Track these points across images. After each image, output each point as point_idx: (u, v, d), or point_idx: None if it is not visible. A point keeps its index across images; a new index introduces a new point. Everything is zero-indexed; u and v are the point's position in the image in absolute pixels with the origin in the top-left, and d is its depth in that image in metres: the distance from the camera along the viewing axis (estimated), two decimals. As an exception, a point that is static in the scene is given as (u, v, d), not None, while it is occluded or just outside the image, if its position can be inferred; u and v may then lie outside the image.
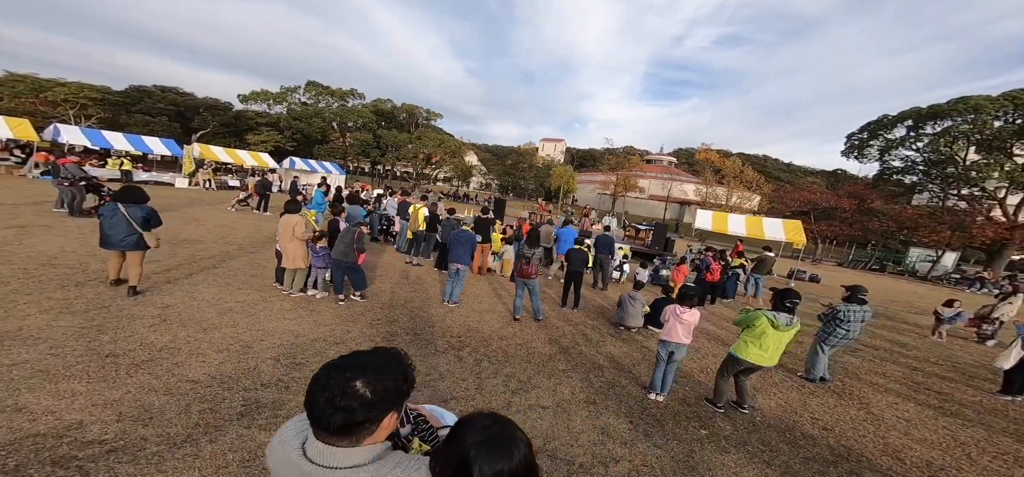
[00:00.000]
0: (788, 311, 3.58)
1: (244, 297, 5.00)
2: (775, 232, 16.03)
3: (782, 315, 3.57)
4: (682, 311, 3.82)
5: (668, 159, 64.92)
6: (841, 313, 4.81)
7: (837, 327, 4.82)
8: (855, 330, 4.85)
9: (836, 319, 4.84)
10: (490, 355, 4.44)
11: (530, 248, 5.88)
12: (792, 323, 3.55)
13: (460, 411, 3.21)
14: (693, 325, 3.84)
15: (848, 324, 4.78)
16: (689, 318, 3.80)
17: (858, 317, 4.81)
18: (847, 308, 4.82)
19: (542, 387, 3.84)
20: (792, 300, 3.56)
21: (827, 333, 4.91)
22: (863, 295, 4.92)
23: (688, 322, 3.80)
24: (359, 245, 5.27)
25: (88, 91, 33.99)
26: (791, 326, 3.54)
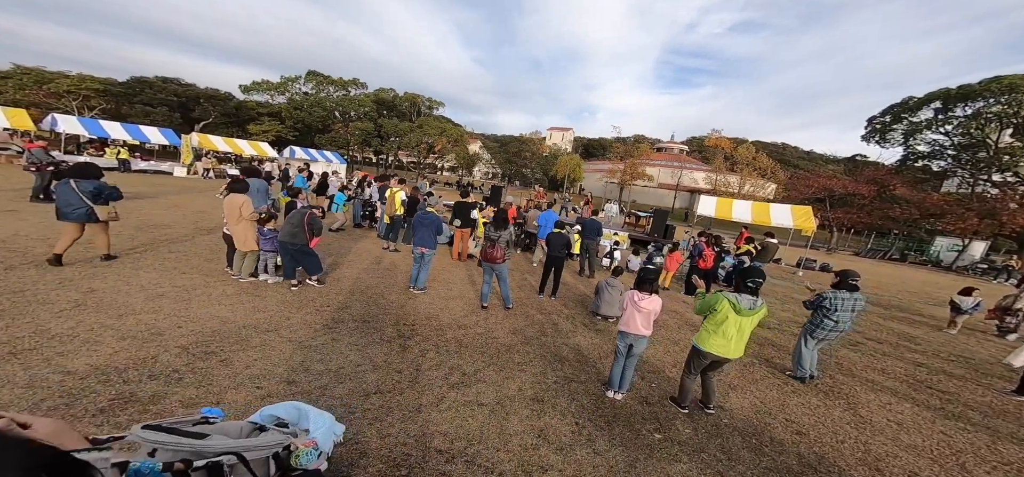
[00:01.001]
0: (751, 292, 3.16)
1: (186, 281, 4.79)
2: (783, 218, 15.31)
3: (745, 297, 3.15)
4: (640, 298, 3.43)
5: (680, 147, 63.30)
6: (827, 301, 4.30)
7: (824, 317, 4.35)
8: (846, 321, 4.34)
9: (821, 308, 4.36)
10: (441, 345, 4.14)
11: (496, 230, 5.52)
12: (756, 306, 3.13)
13: (380, 406, 2.93)
14: (653, 314, 3.46)
15: (835, 313, 4.26)
16: (648, 306, 3.42)
17: (848, 306, 4.29)
18: (835, 296, 4.29)
19: (487, 381, 3.53)
20: (754, 280, 3.14)
21: (814, 324, 4.44)
22: (854, 281, 4.37)
23: (647, 310, 3.42)
24: (310, 227, 4.99)
25: (90, 82, 34.49)
26: (755, 310, 3.13)
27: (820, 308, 4.38)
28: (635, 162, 43.53)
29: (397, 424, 2.68)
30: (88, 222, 4.94)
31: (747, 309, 3.11)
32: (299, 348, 3.51)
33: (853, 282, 4.35)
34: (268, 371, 3.04)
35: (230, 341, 3.42)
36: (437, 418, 2.84)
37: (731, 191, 36.20)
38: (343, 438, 1.96)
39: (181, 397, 2.55)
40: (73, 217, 4.83)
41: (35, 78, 34.88)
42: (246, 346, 3.38)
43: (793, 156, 69.13)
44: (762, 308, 3.16)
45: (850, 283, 4.35)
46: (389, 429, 2.61)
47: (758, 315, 3.16)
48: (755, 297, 3.15)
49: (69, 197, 4.80)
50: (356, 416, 2.67)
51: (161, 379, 2.71)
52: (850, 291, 4.33)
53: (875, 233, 29.77)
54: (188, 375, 2.80)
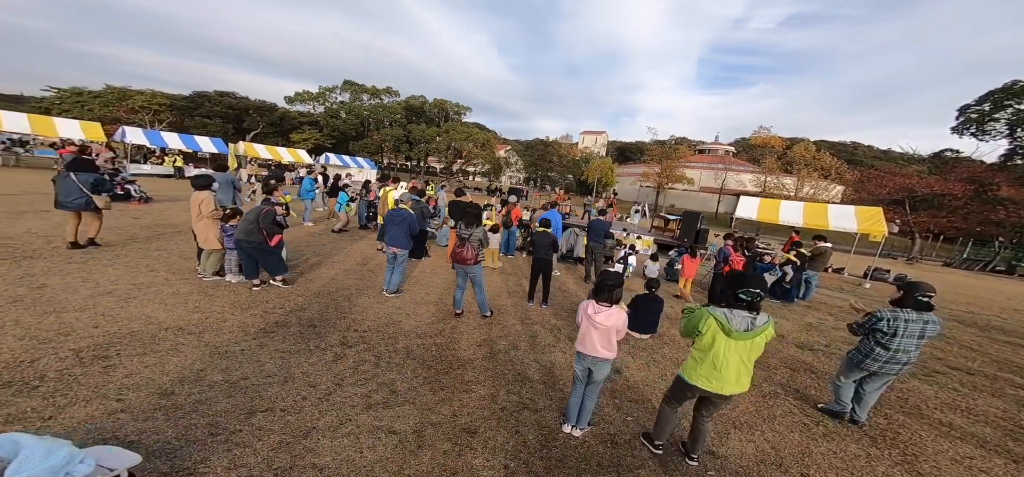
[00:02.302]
0: (748, 307, 2.36)
1: (145, 279, 4.76)
2: (844, 221, 13.25)
3: (737, 314, 2.36)
4: (595, 309, 2.72)
5: (726, 148, 59.13)
6: (884, 323, 3.21)
7: (876, 345, 3.30)
8: (910, 350, 3.23)
9: (875, 332, 3.29)
10: (385, 357, 3.68)
11: (467, 228, 5.00)
12: (755, 327, 2.33)
13: (260, 427, 2.43)
14: (614, 331, 2.72)
15: (895, 340, 3.19)
16: (605, 320, 2.69)
17: (913, 330, 3.18)
18: (895, 316, 3.19)
19: (416, 403, 3.00)
20: (749, 292, 2.34)
21: (862, 353, 3.40)
22: (925, 296, 3.23)
23: (604, 326, 2.69)
24: (265, 225, 4.78)
25: (160, 98, 38.93)
26: (754, 331, 2.33)
27: (873, 333, 3.30)
28: (672, 164, 41.07)
29: (264, 451, 2.23)
30: (86, 210, 5.59)
31: (741, 331, 2.32)
32: (212, 354, 3.21)
33: (923, 297, 3.19)
34: (150, 381, 2.73)
35: (138, 344, 3.18)
36: (323, 446, 2.35)
37: (785, 194, 32.74)
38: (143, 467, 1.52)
39: (15, 410, 2.27)
40: (72, 206, 5.45)
41: (118, 95, 39.98)
42: (151, 351, 3.12)
43: (866, 156, 61.89)
44: (766, 328, 2.35)
45: (919, 298, 3.19)
46: (249, 458, 2.17)
47: (761, 338, 2.35)
48: (754, 314, 2.35)
49: (69, 188, 5.38)
50: (218, 439, 2.26)
51: (16, 386, 2.48)
52: (918, 310, 3.19)
53: (972, 240, 25.40)
54: (52, 382, 2.56)
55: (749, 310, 2.34)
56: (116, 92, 40.55)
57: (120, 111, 38.30)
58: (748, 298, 2.32)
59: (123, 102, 38.80)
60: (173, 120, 38.34)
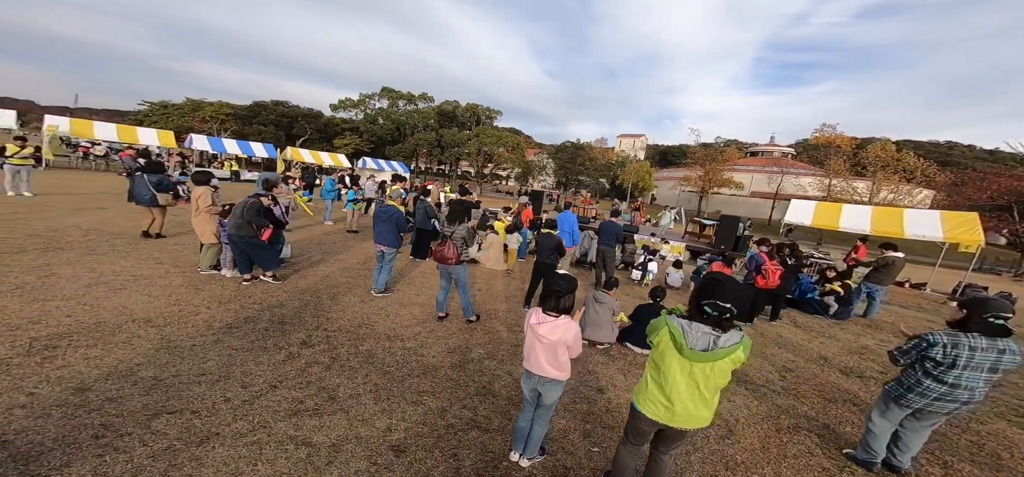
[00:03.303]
0: (714, 321, 1.84)
1: (147, 271, 5.01)
2: (926, 228, 11.29)
3: (698, 328, 1.84)
4: (539, 319, 2.30)
5: (784, 151, 54.28)
6: (938, 350, 2.45)
7: (925, 377, 2.55)
8: (975, 385, 2.43)
9: (926, 361, 2.54)
10: (341, 359, 3.50)
11: (450, 224, 4.74)
12: (718, 347, 1.80)
13: (157, 431, 2.15)
14: (562, 347, 2.26)
15: (953, 372, 2.43)
16: (549, 333, 2.24)
17: (983, 362, 2.39)
18: (953, 342, 2.43)
19: (352, 412, 2.76)
20: (718, 305, 1.81)
21: (904, 387, 2.65)
22: (1001, 317, 2.42)
23: (549, 341, 2.24)
24: (254, 218, 4.85)
25: (226, 108, 43.25)
26: (716, 352, 1.79)
27: (923, 361, 2.56)
28: (715, 167, 38.28)
29: (141, 459, 2.07)
30: (152, 206, 6.55)
31: (697, 351, 1.82)
32: (160, 349, 3.19)
33: (996, 318, 2.41)
34: (77, 375, 2.70)
35: (95, 336, 3.23)
36: (213, 457, 2.16)
37: (859, 200, 28.91)
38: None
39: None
40: (143, 202, 6.50)
41: (193, 106, 44.95)
42: (103, 343, 3.15)
43: (966, 158, 53.88)
44: (733, 350, 1.81)
45: (989, 320, 2.41)
46: (116, 467, 2.00)
47: (725, 362, 1.82)
48: (720, 331, 1.83)
49: (140, 187, 6.45)
50: (100, 443, 2.13)
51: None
52: (989, 335, 2.41)
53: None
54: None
55: (714, 326, 1.83)
56: (192, 104, 45.63)
57: (194, 121, 43.03)
58: (715, 313, 1.81)
59: (196, 113, 43.61)
60: (235, 128, 42.37)
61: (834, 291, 7.06)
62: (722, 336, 1.80)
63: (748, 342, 1.84)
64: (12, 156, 9.21)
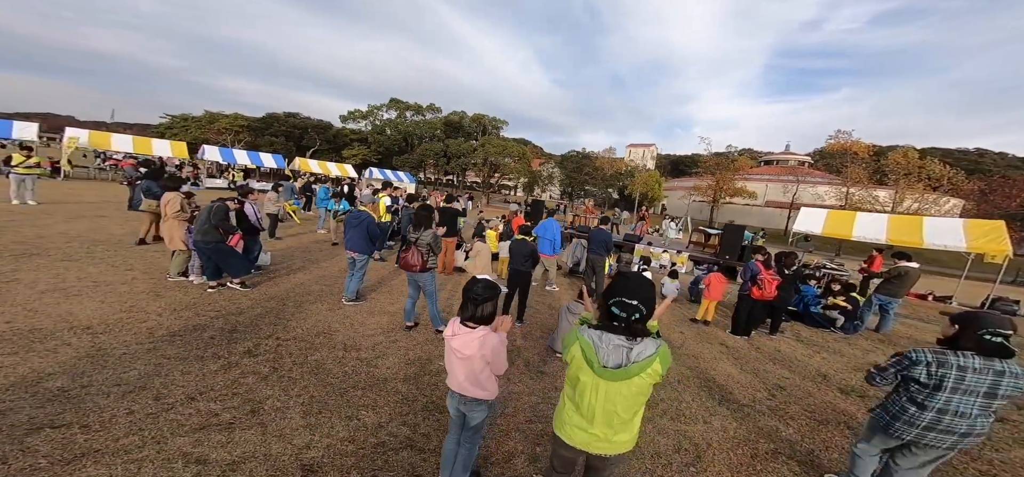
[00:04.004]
0: (625, 328, 1.57)
1: (112, 277, 4.98)
2: (948, 237, 10.60)
3: (609, 339, 1.58)
4: (452, 332, 2.06)
5: (800, 159, 52.98)
6: (921, 370, 2.14)
7: (909, 403, 2.22)
8: (970, 413, 2.09)
9: (911, 384, 2.22)
10: (283, 369, 3.32)
11: (416, 230, 4.58)
12: (631, 361, 1.53)
13: (28, 445, 1.96)
14: (481, 362, 2.00)
15: (939, 396, 2.10)
16: (463, 347, 1.99)
17: (977, 385, 2.06)
18: (939, 361, 2.11)
19: (271, 428, 2.55)
20: (626, 303, 1.55)
21: (889, 414, 2.31)
22: (998, 335, 2.07)
23: (464, 355, 2.00)
24: (220, 223, 4.78)
25: (240, 120, 44.73)
26: (629, 369, 1.53)
27: (906, 383, 2.25)
28: (726, 176, 37.45)
29: None
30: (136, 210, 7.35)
31: (610, 368, 1.56)
32: (85, 357, 3.06)
33: (992, 335, 2.07)
34: None
35: (21, 343, 3.10)
36: (81, 473, 1.99)
37: (880, 210, 27.66)
38: None
39: None
40: (138, 209, 7.20)
41: (210, 119, 46.61)
42: (24, 350, 3.03)
43: (997, 165, 51.57)
44: (649, 363, 1.54)
45: (987, 337, 2.07)
46: None
47: (643, 378, 1.54)
48: (633, 341, 1.57)
49: (140, 195, 6.96)
50: None
51: None
52: (985, 354, 2.09)
53: None
54: None
55: (627, 335, 1.57)
56: (209, 116, 47.34)
57: (210, 132, 44.58)
58: (623, 315, 1.56)
59: (212, 124, 45.22)
60: (248, 140, 43.71)
61: (837, 306, 6.60)
62: (635, 347, 1.55)
63: (666, 352, 1.58)
64: (18, 165, 9.51)
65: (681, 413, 3.52)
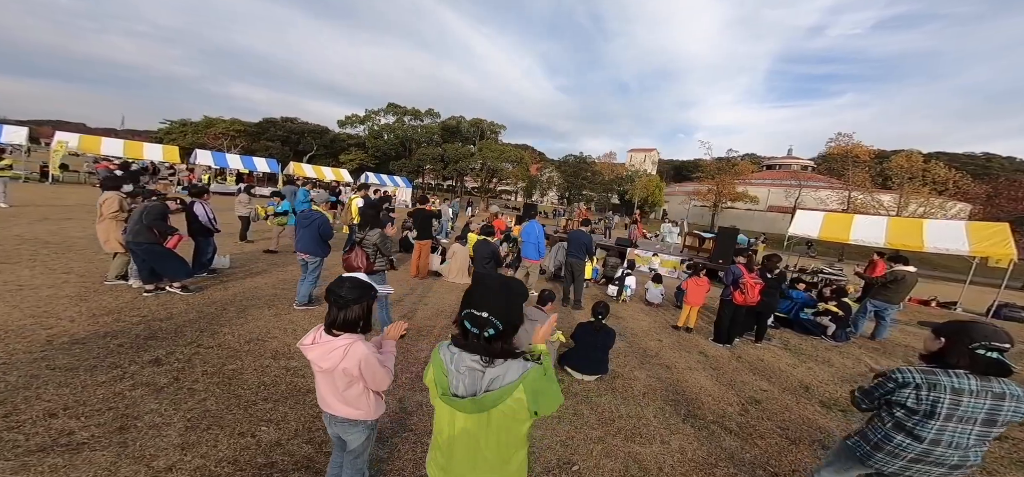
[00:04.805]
0: (477, 344, 1.23)
1: (43, 280, 4.70)
2: (949, 241, 10.22)
3: (463, 359, 1.24)
4: (314, 339, 1.70)
5: (803, 164, 52.55)
6: (909, 393, 1.80)
7: (896, 431, 1.86)
8: (964, 443, 1.75)
9: (895, 408, 1.87)
10: (184, 381, 2.98)
11: (361, 229, 4.29)
12: (486, 387, 1.19)
13: None
14: (343, 376, 1.67)
15: (931, 425, 1.75)
16: (319, 357, 1.65)
17: (974, 411, 1.70)
18: (930, 382, 1.76)
19: (135, 446, 2.23)
20: (474, 314, 1.22)
21: (869, 442, 1.96)
22: (993, 349, 1.72)
23: (323, 368, 1.66)
24: (155, 224, 4.50)
25: (237, 124, 44.88)
26: (483, 398, 1.18)
27: (891, 408, 1.89)
28: (725, 180, 37.07)
29: None
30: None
31: (460, 397, 1.23)
32: None
33: (989, 352, 1.73)
34: None
35: None
36: None
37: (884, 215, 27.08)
38: None
39: None
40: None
41: (206, 123, 46.77)
42: None
43: (1005, 169, 50.84)
44: (511, 390, 1.17)
45: (981, 353, 1.73)
46: None
47: (504, 409, 1.18)
48: (487, 362, 1.22)
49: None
50: None
51: None
52: (979, 372, 1.74)
53: None
54: None
55: (481, 353, 1.25)
56: (207, 121, 47.56)
57: (207, 137, 44.73)
58: (475, 330, 1.24)
59: (209, 129, 45.39)
60: (245, 144, 43.82)
61: (829, 311, 6.23)
62: (490, 370, 1.21)
63: (535, 375, 1.19)
64: (-14, 168, 9.36)
65: (637, 432, 3.18)
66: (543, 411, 1.19)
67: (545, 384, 1.21)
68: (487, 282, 1.28)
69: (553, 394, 1.22)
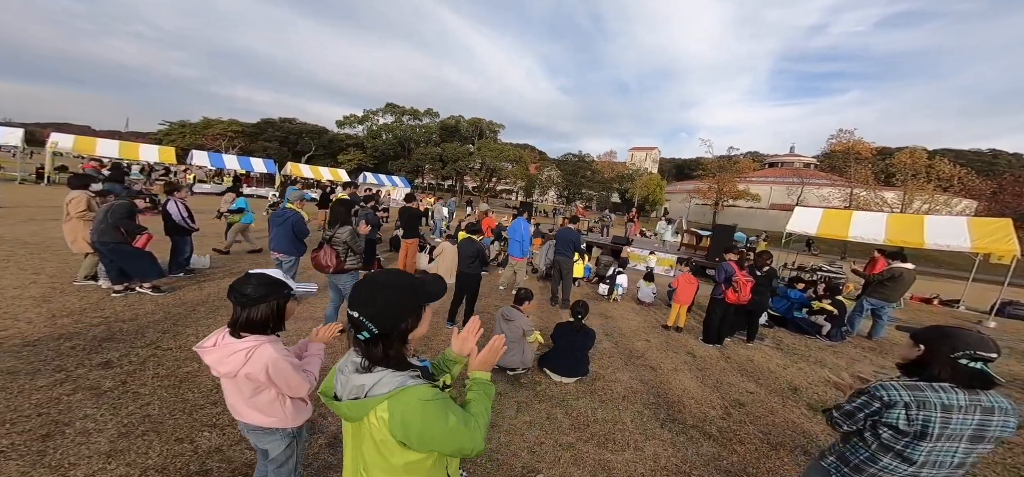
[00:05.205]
0: (366, 345, 1.05)
1: (11, 281, 4.59)
2: (951, 237, 9.95)
3: (348, 361, 1.12)
4: (210, 344, 1.54)
5: (806, 161, 52.16)
6: (898, 414, 1.58)
7: (880, 453, 1.66)
8: (948, 462, 1.56)
9: (881, 429, 1.66)
10: (131, 384, 2.86)
11: (331, 227, 4.16)
12: (363, 393, 1.02)
13: None
14: (248, 382, 1.53)
15: (922, 446, 1.55)
16: (216, 362, 1.50)
17: (962, 428, 1.52)
18: (919, 398, 1.55)
19: (51, 456, 2.11)
20: (349, 313, 1.06)
21: (852, 464, 1.76)
22: (977, 358, 1.52)
23: (222, 373, 1.51)
24: (121, 222, 4.39)
25: (235, 125, 44.93)
26: (351, 404, 1.03)
27: (876, 429, 1.69)
28: (726, 178, 36.80)
29: None
30: None
31: (343, 399, 1.08)
32: None
33: (973, 361, 1.53)
34: None
35: None
36: None
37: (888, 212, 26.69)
38: None
39: None
40: None
41: (204, 124, 46.83)
42: None
43: (1012, 166, 50.19)
44: (376, 403, 0.99)
45: (964, 363, 1.54)
46: None
47: (373, 420, 1.00)
48: (367, 368, 1.07)
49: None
50: None
51: None
52: (962, 384, 1.55)
53: None
54: None
55: (363, 357, 1.08)
56: (205, 122, 47.65)
57: (206, 139, 44.81)
58: (351, 328, 1.08)
59: (207, 130, 45.45)
60: (243, 145, 43.87)
61: (823, 309, 6.05)
62: (363, 376, 1.05)
63: (409, 398, 0.99)
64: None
65: (611, 438, 3.03)
66: (416, 446, 0.99)
67: (422, 413, 0.98)
68: (374, 278, 1.13)
69: (437, 430, 0.99)
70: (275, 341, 1.55)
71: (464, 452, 1.07)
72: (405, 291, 1.10)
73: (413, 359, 1.16)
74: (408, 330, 1.11)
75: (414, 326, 1.12)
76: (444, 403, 1.05)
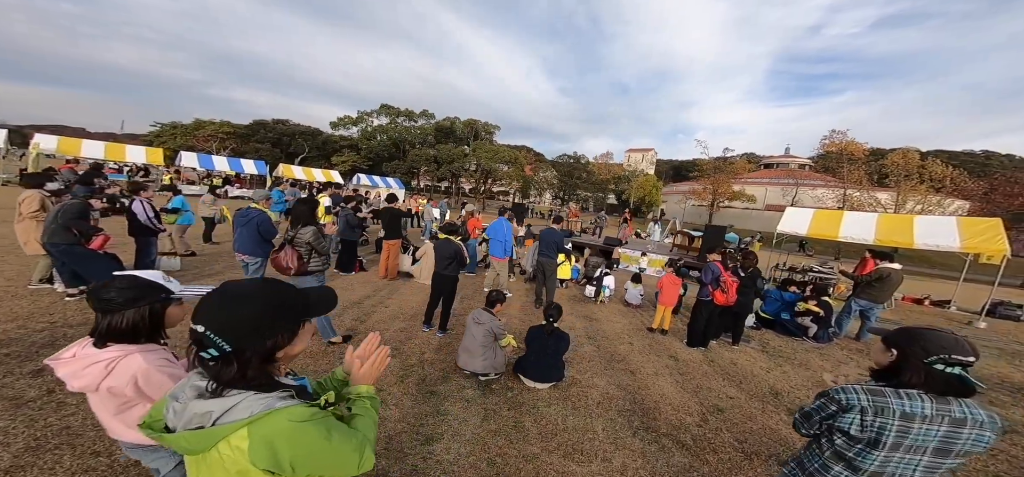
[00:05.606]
0: (215, 375, 0.89)
1: (-43, 282, 4.41)
2: (940, 237, 9.87)
3: (190, 385, 0.92)
4: (68, 356, 1.32)
5: (801, 162, 52.41)
6: (853, 418, 1.45)
7: (832, 461, 1.53)
8: (904, 475, 1.42)
9: (836, 434, 1.52)
10: (64, 393, 2.70)
11: (293, 227, 3.99)
12: (212, 422, 0.84)
13: None
14: (112, 397, 1.33)
15: (874, 456, 1.42)
16: (72, 376, 1.29)
17: (926, 438, 1.37)
18: (878, 403, 1.41)
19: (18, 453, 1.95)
20: (192, 331, 0.88)
21: (808, 471, 1.62)
22: (953, 363, 1.37)
23: (78, 387, 1.29)
24: (73, 223, 4.19)
25: (226, 127, 44.47)
26: (176, 438, 0.85)
27: (831, 434, 1.56)
28: (721, 179, 36.87)
29: None
30: None
31: (170, 431, 0.90)
32: None
33: (949, 367, 1.38)
34: None
35: None
36: None
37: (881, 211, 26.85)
38: None
39: None
40: None
41: (196, 126, 46.34)
42: None
43: (1004, 167, 50.64)
44: (232, 430, 0.83)
45: (938, 368, 1.39)
46: None
47: (220, 453, 0.84)
48: (215, 392, 0.89)
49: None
50: None
51: None
52: (937, 391, 1.40)
53: None
54: None
55: (211, 380, 0.90)
56: (197, 123, 47.17)
57: (197, 140, 44.36)
58: (194, 344, 0.90)
59: (198, 132, 44.98)
60: (234, 146, 43.44)
61: (809, 311, 5.93)
62: (204, 402, 0.87)
63: (271, 421, 0.85)
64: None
65: (579, 448, 2.87)
66: (290, 473, 0.85)
67: (295, 435, 0.85)
68: (226, 288, 0.95)
69: (317, 450, 0.86)
70: (151, 350, 1.38)
71: (350, 471, 0.94)
72: (275, 306, 0.94)
73: (286, 378, 1.00)
74: (276, 348, 0.95)
75: (285, 344, 0.96)
76: (323, 421, 0.91)
